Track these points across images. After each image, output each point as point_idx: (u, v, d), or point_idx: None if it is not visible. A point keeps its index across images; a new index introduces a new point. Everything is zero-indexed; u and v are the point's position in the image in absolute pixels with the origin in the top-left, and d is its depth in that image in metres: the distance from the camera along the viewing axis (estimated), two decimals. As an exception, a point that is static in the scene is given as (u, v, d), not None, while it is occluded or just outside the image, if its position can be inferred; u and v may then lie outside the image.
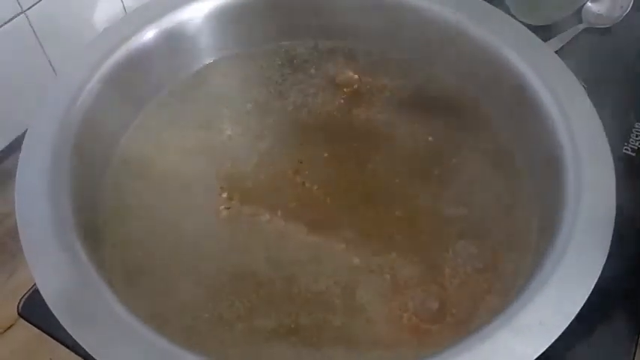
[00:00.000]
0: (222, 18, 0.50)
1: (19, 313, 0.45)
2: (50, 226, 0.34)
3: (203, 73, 0.51)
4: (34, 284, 0.45)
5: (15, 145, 0.61)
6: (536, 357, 0.30)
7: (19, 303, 0.45)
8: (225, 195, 0.44)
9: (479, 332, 0.31)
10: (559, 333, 0.31)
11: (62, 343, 0.42)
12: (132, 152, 0.45)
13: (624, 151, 0.53)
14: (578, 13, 0.65)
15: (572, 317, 0.31)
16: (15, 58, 0.59)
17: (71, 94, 0.41)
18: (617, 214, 0.36)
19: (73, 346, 0.42)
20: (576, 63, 0.46)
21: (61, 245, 0.34)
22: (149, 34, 0.46)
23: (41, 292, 0.32)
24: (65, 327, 0.30)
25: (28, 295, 0.45)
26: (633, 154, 0.53)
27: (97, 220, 0.41)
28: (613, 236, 0.35)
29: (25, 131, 0.40)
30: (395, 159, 0.46)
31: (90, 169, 0.41)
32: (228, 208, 0.43)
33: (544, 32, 0.48)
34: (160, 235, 0.41)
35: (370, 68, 0.52)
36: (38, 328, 0.44)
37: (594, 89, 0.46)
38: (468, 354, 0.30)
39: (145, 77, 0.47)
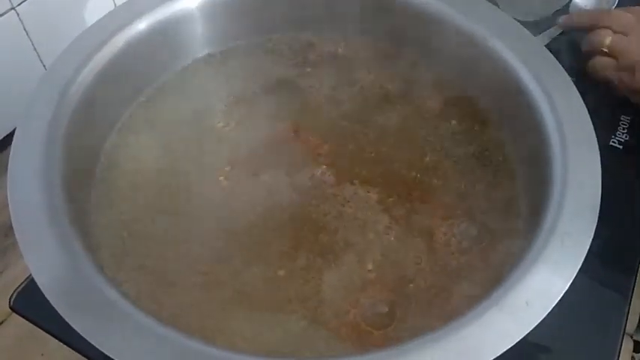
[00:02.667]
0: (211, 11, 0.50)
1: (10, 307, 0.45)
2: (43, 214, 0.34)
3: (195, 67, 0.51)
4: (26, 278, 0.45)
5: (7, 141, 0.61)
6: (522, 336, 0.30)
7: (10, 296, 0.45)
8: (222, 169, 0.45)
9: (467, 312, 0.31)
10: (545, 313, 0.31)
11: (54, 336, 0.42)
12: (123, 143, 0.46)
13: (611, 143, 0.54)
14: (565, 10, 0.66)
15: (558, 298, 0.32)
16: (5, 54, 0.59)
17: (61, 87, 0.41)
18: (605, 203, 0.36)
19: (65, 338, 0.42)
20: (564, 57, 0.47)
21: (54, 233, 0.34)
22: (138, 28, 0.46)
23: (35, 279, 0.32)
24: (60, 313, 0.30)
25: (20, 289, 0.45)
26: (620, 147, 0.54)
27: (88, 206, 0.41)
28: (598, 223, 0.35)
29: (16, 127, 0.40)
30: (388, 146, 0.46)
31: (82, 159, 0.42)
32: (226, 179, 0.44)
33: (533, 28, 0.48)
34: (151, 215, 0.42)
35: (361, 60, 0.52)
36: (30, 321, 0.44)
37: (582, 83, 0.46)
38: (457, 333, 0.30)
39: (135, 69, 0.47)
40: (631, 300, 0.45)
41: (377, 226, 0.42)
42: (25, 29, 0.60)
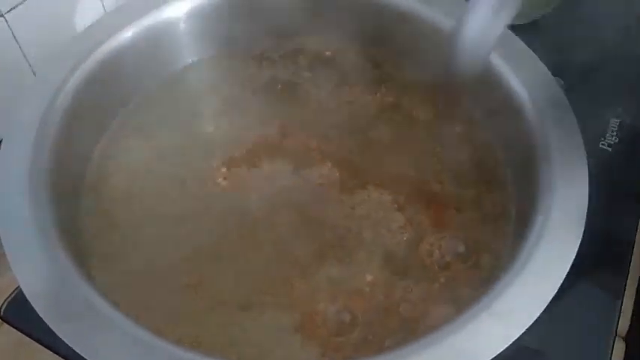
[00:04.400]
0: (199, 18, 0.50)
1: (1, 317, 0.45)
2: (30, 223, 0.34)
3: (183, 74, 0.51)
4: (16, 288, 0.45)
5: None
6: (512, 340, 0.30)
7: (1, 307, 0.45)
8: (219, 169, 0.45)
9: (458, 317, 0.31)
10: (535, 317, 0.31)
11: (45, 346, 0.42)
12: (113, 150, 0.46)
13: (601, 145, 0.54)
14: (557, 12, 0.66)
15: (547, 302, 0.32)
16: (-6, 62, 0.58)
17: (50, 94, 0.41)
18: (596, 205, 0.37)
19: (56, 348, 0.42)
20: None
21: (42, 242, 0.34)
22: (128, 35, 0.46)
23: (23, 289, 0.31)
24: (47, 323, 0.30)
25: (10, 298, 0.45)
26: (609, 149, 0.54)
27: (78, 214, 0.41)
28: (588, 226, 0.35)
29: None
30: (374, 147, 0.47)
31: (71, 166, 0.42)
32: (225, 179, 0.44)
33: (521, 31, 0.48)
34: (143, 221, 0.42)
35: (350, 65, 0.52)
36: (21, 331, 0.44)
37: (573, 86, 0.46)
38: (446, 338, 0.31)
39: (124, 76, 0.47)
40: (622, 301, 0.46)
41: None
42: (14, 36, 0.59)
